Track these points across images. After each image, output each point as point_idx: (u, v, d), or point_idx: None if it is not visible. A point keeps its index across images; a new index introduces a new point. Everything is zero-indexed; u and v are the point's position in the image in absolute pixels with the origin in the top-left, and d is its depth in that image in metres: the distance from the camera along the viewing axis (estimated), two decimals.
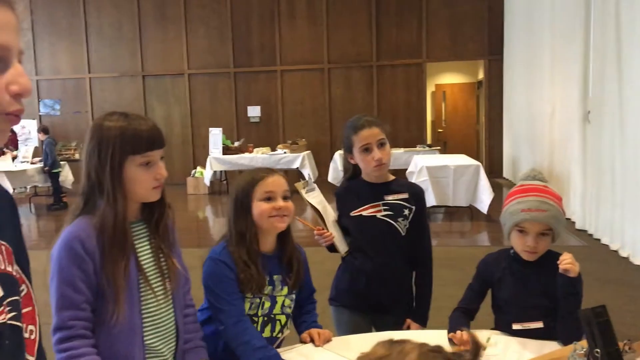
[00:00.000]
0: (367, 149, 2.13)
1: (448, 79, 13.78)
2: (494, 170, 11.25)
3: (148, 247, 1.53)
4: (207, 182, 10.43)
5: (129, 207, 1.49)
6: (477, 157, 9.93)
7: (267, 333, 1.83)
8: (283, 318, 1.87)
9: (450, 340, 1.77)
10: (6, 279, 0.85)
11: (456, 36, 11.43)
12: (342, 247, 2.21)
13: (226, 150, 10.39)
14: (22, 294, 0.90)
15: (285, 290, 1.85)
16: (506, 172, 11.18)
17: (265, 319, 1.83)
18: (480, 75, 12.40)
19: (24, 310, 0.89)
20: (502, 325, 1.84)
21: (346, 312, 2.25)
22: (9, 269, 0.87)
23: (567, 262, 1.69)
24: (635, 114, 5.18)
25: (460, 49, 11.50)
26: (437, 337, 1.84)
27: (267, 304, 1.81)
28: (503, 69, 11.32)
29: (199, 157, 11.63)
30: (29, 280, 0.94)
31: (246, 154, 10.31)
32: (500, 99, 11.44)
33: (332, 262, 2.32)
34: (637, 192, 5.14)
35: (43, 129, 9.70)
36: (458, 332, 1.75)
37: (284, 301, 1.85)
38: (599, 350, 1.25)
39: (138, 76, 12.11)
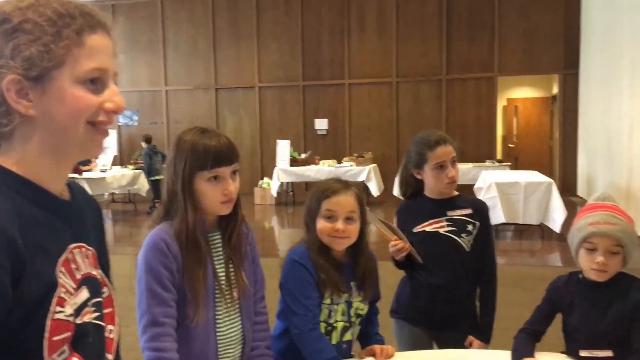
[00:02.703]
0: (441, 167, 2.12)
1: (520, 93, 13.42)
2: (568, 187, 10.83)
3: (221, 256, 1.58)
4: (274, 193, 10.63)
5: (205, 218, 1.54)
6: (550, 174, 9.58)
7: (347, 337, 1.84)
8: (358, 321, 1.87)
9: None
10: (91, 282, 0.92)
11: (530, 50, 11.13)
12: (418, 257, 2.19)
13: (293, 162, 10.57)
14: (104, 295, 0.97)
15: (362, 295, 1.83)
16: (581, 190, 10.72)
17: (347, 324, 1.82)
18: (555, 90, 12.00)
19: (105, 311, 0.96)
20: (571, 352, 1.77)
21: (407, 325, 2.25)
22: (94, 272, 0.95)
23: None
24: None
25: (534, 62, 11.18)
26: (500, 357, 1.81)
27: (345, 309, 1.80)
28: (579, 83, 10.90)
29: (267, 168, 11.86)
30: (110, 283, 1.02)
31: (312, 166, 10.45)
32: (576, 114, 11.02)
33: (394, 276, 2.33)
34: None
35: (146, 139, 9.95)
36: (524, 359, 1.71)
37: (357, 305, 1.84)
38: None
39: (211, 89, 12.53)
